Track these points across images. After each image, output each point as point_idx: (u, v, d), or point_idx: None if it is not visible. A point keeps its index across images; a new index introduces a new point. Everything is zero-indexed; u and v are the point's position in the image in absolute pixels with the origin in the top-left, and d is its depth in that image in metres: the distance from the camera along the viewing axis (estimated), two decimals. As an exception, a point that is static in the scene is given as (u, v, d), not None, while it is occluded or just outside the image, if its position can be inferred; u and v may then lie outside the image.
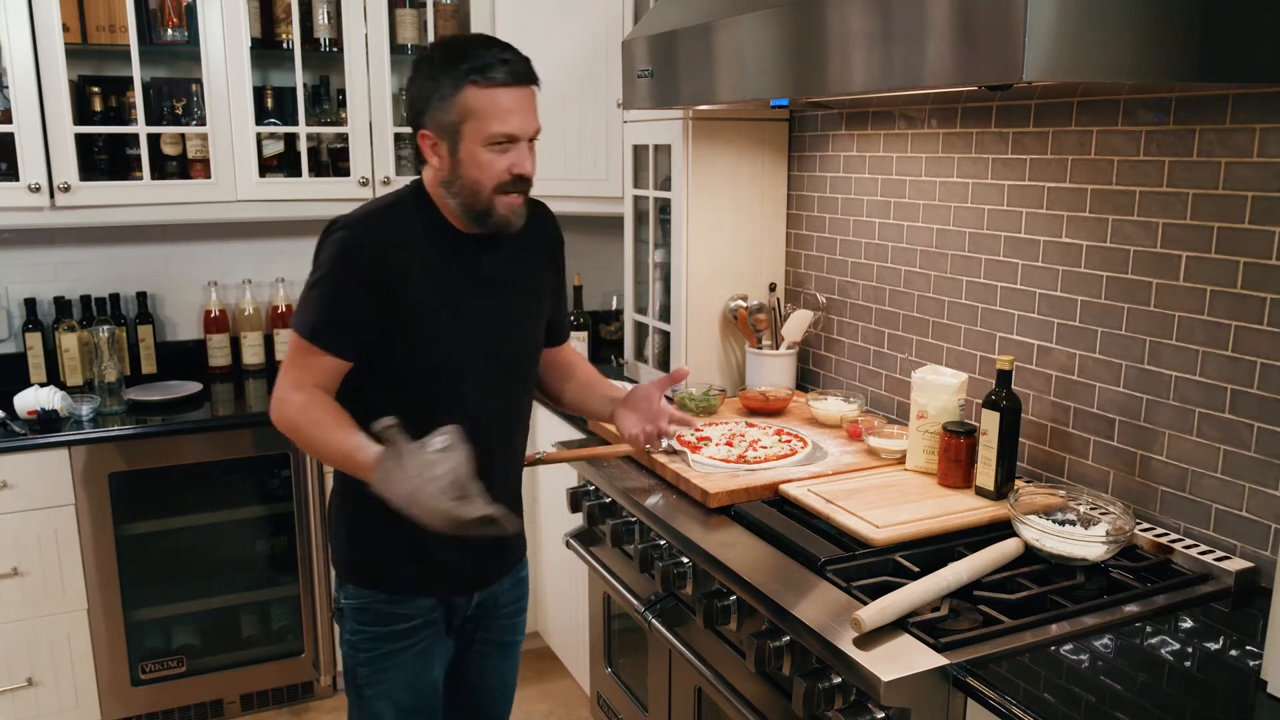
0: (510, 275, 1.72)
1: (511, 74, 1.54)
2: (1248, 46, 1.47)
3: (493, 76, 1.53)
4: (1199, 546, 1.72)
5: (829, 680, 1.47)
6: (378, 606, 1.72)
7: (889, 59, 1.55)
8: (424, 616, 1.74)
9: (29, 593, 2.59)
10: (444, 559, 1.71)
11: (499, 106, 1.54)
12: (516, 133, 1.56)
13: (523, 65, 1.57)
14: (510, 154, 1.57)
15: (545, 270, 1.82)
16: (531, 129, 1.59)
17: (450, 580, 1.75)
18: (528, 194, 1.64)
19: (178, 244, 3.18)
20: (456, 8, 3.12)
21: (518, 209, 1.62)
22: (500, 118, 1.54)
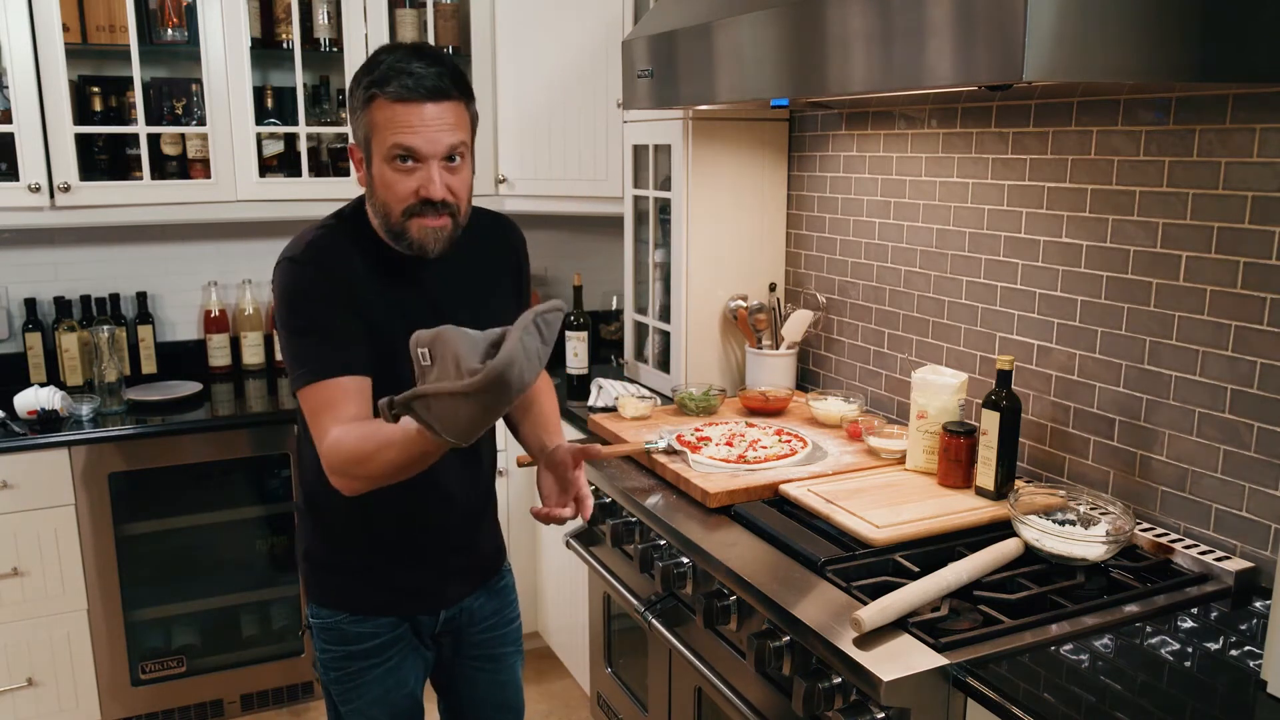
0: (461, 295, 1.61)
1: (412, 88, 1.42)
2: (1248, 46, 1.47)
3: (392, 91, 1.42)
4: (1199, 546, 1.72)
5: (829, 680, 1.47)
6: (341, 626, 1.68)
7: (889, 59, 1.55)
8: (388, 634, 1.69)
9: (29, 593, 2.59)
10: (401, 580, 1.67)
11: (398, 122, 1.43)
12: (417, 150, 1.43)
13: (432, 80, 1.43)
14: (418, 174, 1.45)
15: (506, 288, 1.71)
16: (438, 148, 1.44)
17: (409, 600, 1.70)
18: (454, 216, 1.50)
19: (178, 244, 3.18)
20: (456, 8, 3.12)
21: (434, 232, 1.48)
22: (398, 134, 1.43)
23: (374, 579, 1.68)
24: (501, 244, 1.72)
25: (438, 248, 1.51)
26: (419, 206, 1.47)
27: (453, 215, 1.50)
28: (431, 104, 1.43)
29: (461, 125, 1.48)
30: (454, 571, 1.74)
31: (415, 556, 1.68)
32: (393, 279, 1.56)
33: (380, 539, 1.66)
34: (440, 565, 1.71)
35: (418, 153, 1.44)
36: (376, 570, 1.67)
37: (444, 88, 1.44)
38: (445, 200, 1.47)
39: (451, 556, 1.73)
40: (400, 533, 1.66)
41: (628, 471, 2.20)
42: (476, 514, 1.76)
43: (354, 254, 1.54)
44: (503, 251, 1.72)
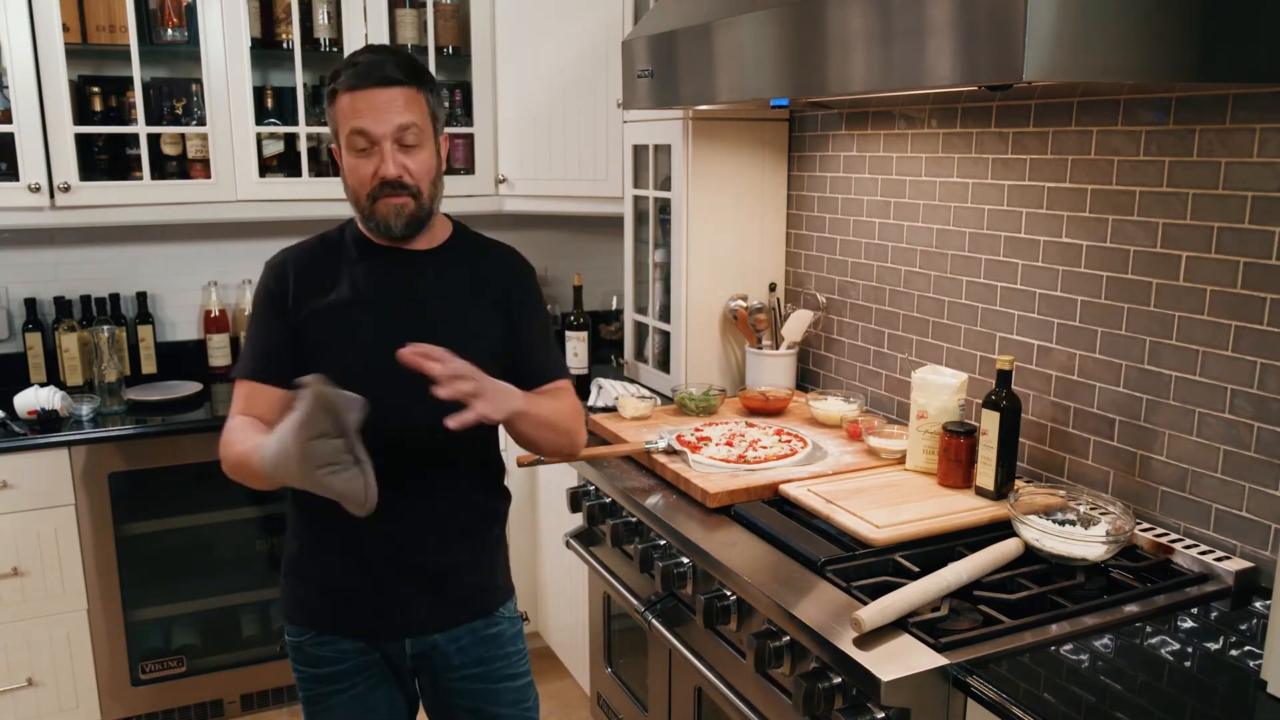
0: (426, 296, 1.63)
1: (364, 76, 1.52)
2: (1248, 46, 1.47)
3: (344, 81, 1.54)
4: (1199, 546, 1.72)
5: (829, 680, 1.47)
6: (305, 647, 1.66)
7: (889, 59, 1.55)
8: (353, 660, 1.65)
9: (29, 593, 2.59)
10: (359, 597, 1.63)
11: (349, 110, 1.53)
12: (367, 130, 1.51)
13: (378, 68, 1.52)
14: (373, 158, 1.53)
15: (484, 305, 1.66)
16: (388, 127, 1.51)
17: (367, 621, 1.64)
18: (416, 198, 1.56)
19: (178, 244, 3.18)
20: (456, 8, 3.11)
21: (395, 209, 1.55)
22: (350, 119, 1.52)
23: (330, 592, 1.64)
24: (496, 267, 1.71)
25: (399, 224, 1.57)
26: (380, 188, 1.55)
27: (414, 196, 1.56)
28: (380, 89, 1.52)
29: (413, 108, 1.54)
30: (415, 595, 1.63)
31: (369, 570, 1.62)
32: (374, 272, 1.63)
33: (333, 548, 1.62)
34: (400, 585, 1.63)
35: (369, 134, 1.52)
36: (331, 582, 1.64)
37: (389, 74, 1.53)
38: (402, 180, 1.54)
39: (412, 578, 1.63)
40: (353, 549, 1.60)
41: (628, 471, 2.20)
42: (451, 538, 1.65)
43: (333, 249, 1.65)
44: (495, 274, 1.69)
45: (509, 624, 1.73)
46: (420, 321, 1.60)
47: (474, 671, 1.69)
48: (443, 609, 1.66)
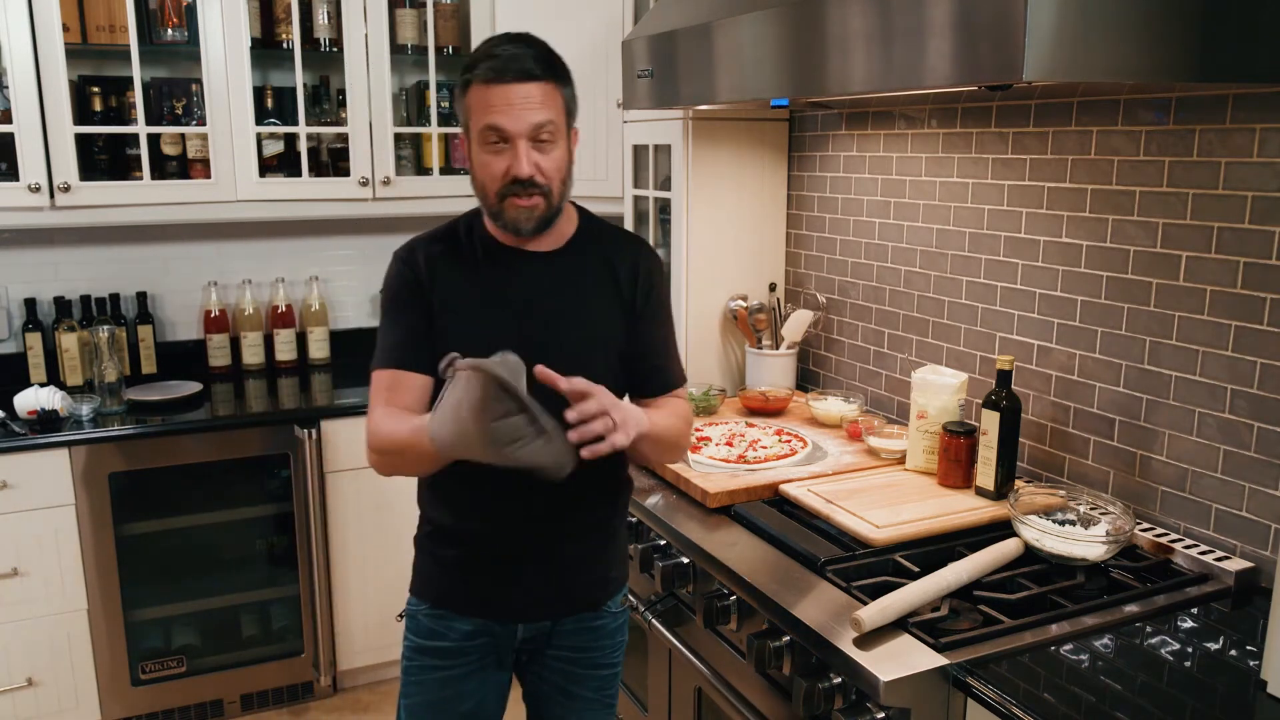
0: (554, 298, 1.60)
1: (504, 69, 1.47)
2: (1248, 46, 1.47)
3: (481, 73, 1.48)
4: (1199, 546, 1.72)
5: (829, 680, 1.47)
6: (419, 615, 1.70)
7: (889, 59, 1.55)
8: (461, 641, 1.67)
9: (29, 593, 2.59)
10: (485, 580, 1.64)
11: (484, 104, 1.48)
12: (503, 127, 1.47)
13: (521, 61, 1.48)
14: (507, 154, 1.49)
15: (611, 303, 1.63)
16: (524, 125, 1.47)
17: (488, 603, 1.66)
18: (546, 196, 1.52)
19: (178, 244, 3.18)
20: (456, 8, 3.12)
21: (526, 211, 1.52)
22: (487, 114, 1.47)
23: (456, 574, 1.66)
24: (620, 259, 1.65)
25: (529, 226, 1.53)
26: (510, 186, 1.50)
27: (545, 195, 1.52)
28: (517, 84, 1.47)
29: (550, 105, 1.50)
30: (536, 587, 1.65)
31: (498, 560, 1.64)
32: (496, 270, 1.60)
33: (465, 535, 1.63)
34: (525, 572, 1.64)
35: (504, 131, 1.47)
36: (460, 566, 1.65)
37: (529, 68, 1.48)
38: (534, 179, 1.49)
39: (536, 570, 1.64)
40: (486, 533, 1.62)
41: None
42: (577, 537, 1.65)
43: (458, 244, 1.61)
44: (619, 267, 1.65)
45: (612, 619, 1.74)
46: (546, 324, 1.58)
47: (570, 655, 1.72)
48: (559, 601, 1.67)
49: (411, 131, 3.17)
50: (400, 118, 3.16)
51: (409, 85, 3.29)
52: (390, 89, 3.00)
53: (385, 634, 3.01)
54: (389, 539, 2.94)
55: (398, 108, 3.12)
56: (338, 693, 3.05)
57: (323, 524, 2.86)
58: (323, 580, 2.89)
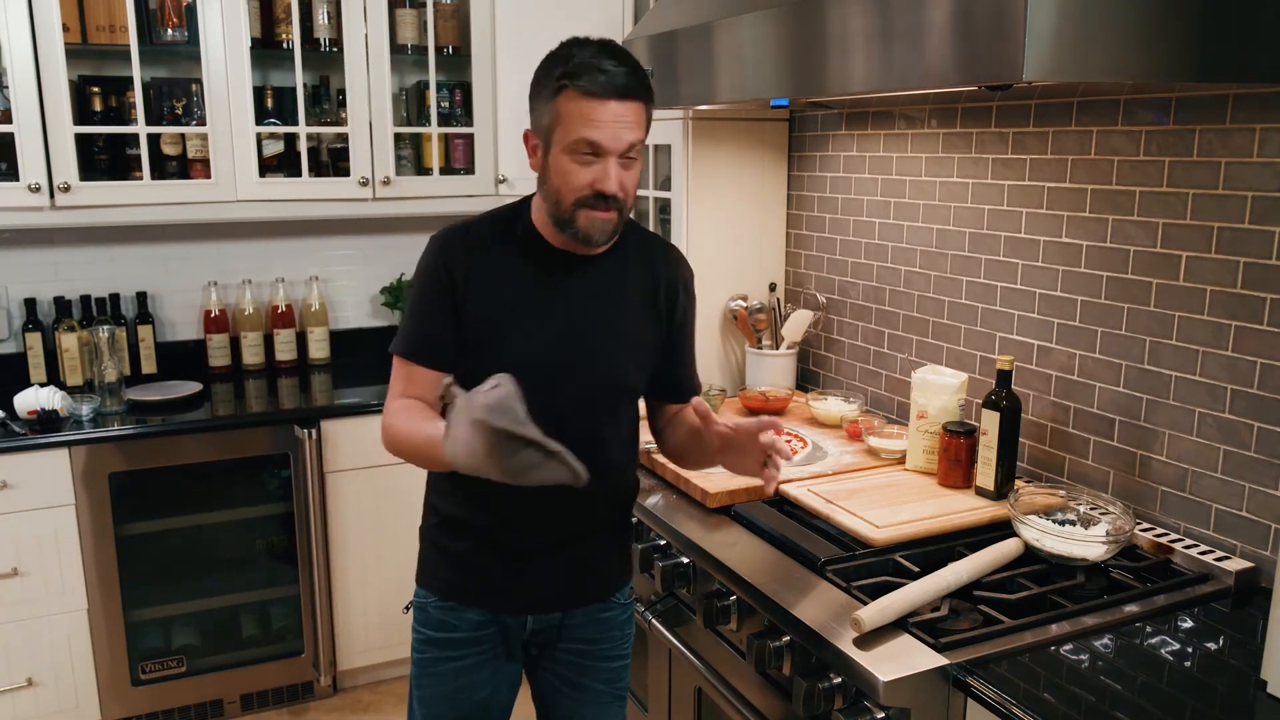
0: (594, 303, 1.62)
1: (606, 86, 1.46)
2: (1248, 46, 1.47)
3: (584, 85, 1.47)
4: (1199, 546, 1.72)
5: (829, 680, 1.47)
6: (429, 608, 1.71)
7: (889, 59, 1.55)
8: (471, 632, 1.69)
9: (29, 593, 2.59)
10: (494, 574, 1.67)
11: (586, 117, 1.47)
12: (601, 144, 1.47)
13: (624, 79, 1.48)
14: (595, 167, 1.49)
15: (647, 313, 1.68)
16: (620, 144, 1.48)
17: (498, 596, 1.68)
18: (620, 211, 1.54)
19: (178, 244, 3.18)
20: (456, 8, 3.11)
21: (600, 224, 1.53)
22: (584, 128, 1.47)
23: (466, 566, 1.68)
24: (669, 271, 1.71)
25: (602, 238, 1.56)
26: (591, 199, 1.51)
27: (619, 210, 1.54)
28: (618, 102, 1.47)
29: (641, 124, 1.52)
30: (548, 577, 1.67)
31: (509, 553, 1.66)
32: (542, 271, 1.61)
33: (478, 528, 1.65)
34: (535, 566, 1.66)
35: (601, 148, 1.48)
36: (470, 558, 1.67)
37: (632, 87, 1.48)
38: (616, 195, 1.51)
39: (547, 563, 1.66)
40: (498, 526, 1.64)
41: (628, 471, 2.20)
42: (588, 530, 1.68)
43: (502, 239, 1.61)
44: (667, 278, 1.70)
45: (620, 610, 1.77)
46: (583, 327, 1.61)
47: (580, 648, 1.74)
48: (570, 593, 1.70)
49: (411, 131, 3.17)
50: (400, 118, 3.16)
51: (409, 85, 3.29)
52: (390, 89, 3.00)
53: (385, 634, 3.01)
54: (389, 539, 2.94)
55: (398, 108, 3.12)
56: (338, 693, 3.05)
57: (323, 524, 2.86)
58: (323, 580, 2.90)
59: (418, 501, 1.77)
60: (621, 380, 1.66)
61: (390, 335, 3.52)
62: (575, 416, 1.58)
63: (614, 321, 1.63)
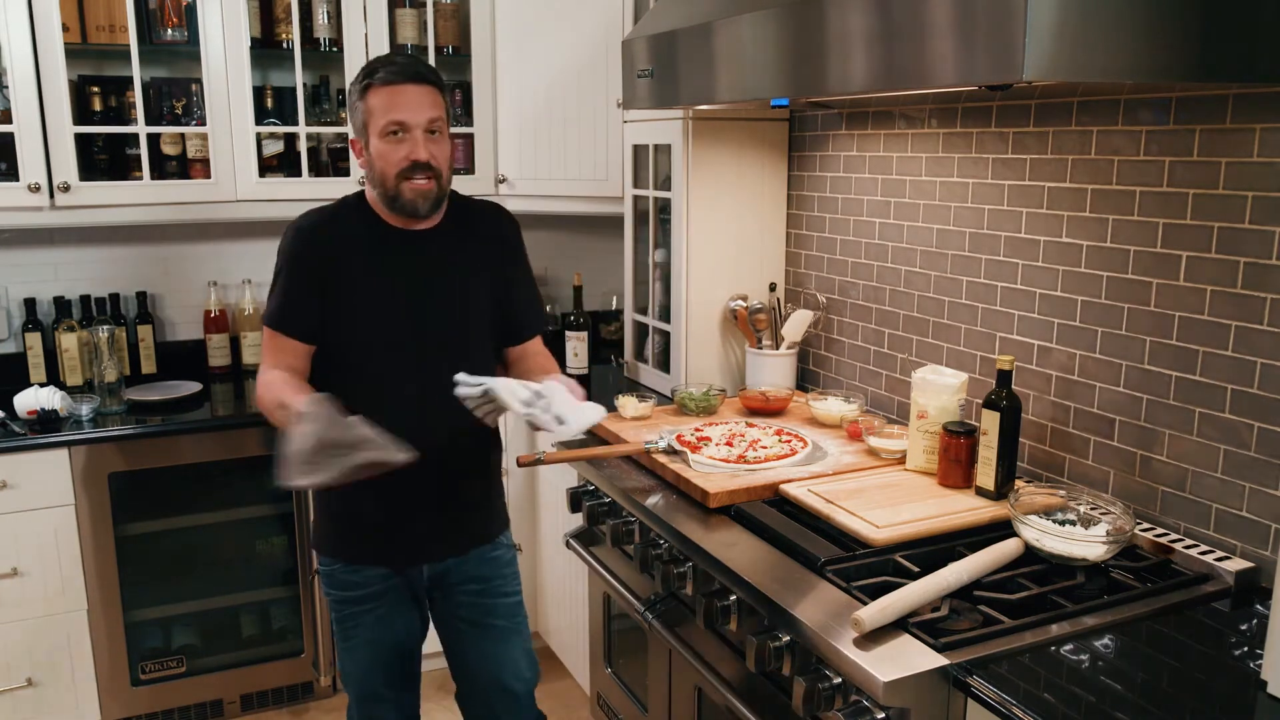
0: (439, 268, 1.88)
1: (397, 73, 1.76)
2: (1248, 46, 1.47)
3: (381, 78, 1.77)
4: (1199, 546, 1.72)
5: (829, 680, 1.47)
6: (336, 574, 1.95)
7: (889, 59, 1.55)
8: (377, 585, 1.94)
9: (29, 593, 2.59)
10: (382, 531, 1.90)
11: (388, 103, 1.76)
12: (405, 121, 1.75)
13: (412, 67, 1.78)
14: (405, 143, 1.76)
15: (487, 269, 1.94)
16: (420, 118, 1.76)
17: (393, 551, 1.93)
18: (438, 180, 1.80)
19: (178, 244, 3.18)
20: (456, 8, 3.11)
21: (424, 192, 1.79)
22: (389, 112, 1.76)
23: (358, 527, 1.92)
24: (491, 229, 1.98)
25: (425, 205, 1.82)
26: (409, 170, 1.77)
27: (436, 179, 1.81)
28: (412, 85, 1.77)
29: (438, 105, 1.80)
30: (437, 529, 1.93)
31: (397, 509, 1.88)
32: (385, 249, 1.86)
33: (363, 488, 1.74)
34: (423, 520, 1.90)
35: (405, 124, 1.76)
36: (361, 519, 1.90)
37: (422, 72, 1.80)
38: (430, 163, 1.78)
39: (434, 514, 1.91)
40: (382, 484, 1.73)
41: (628, 471, 2.20)
42: (464, 475, 1.95)
43: (350, 225, 1.86)
44: (491, 237, 1.97)
45: (505, 550, 2.05)
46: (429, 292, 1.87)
47: (477, 588, 1.99)
48: (456, 538, 1.97)
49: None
50: (400, 118, 3.16)
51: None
52: (390, 89, 3.00)
53: (385, 634, 3.01)
54: (389, 539, 2.94)
55: (398, 108, 3.11)
56: (338, 693, 3.05)
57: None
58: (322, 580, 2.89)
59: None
60: (471, 334, 1.92)
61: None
62: (430, 376, 1.80)
63: (454, 282, 1.90)
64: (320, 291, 1.82)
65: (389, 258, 1.86)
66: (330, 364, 1.87)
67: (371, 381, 1.85)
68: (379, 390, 1.83)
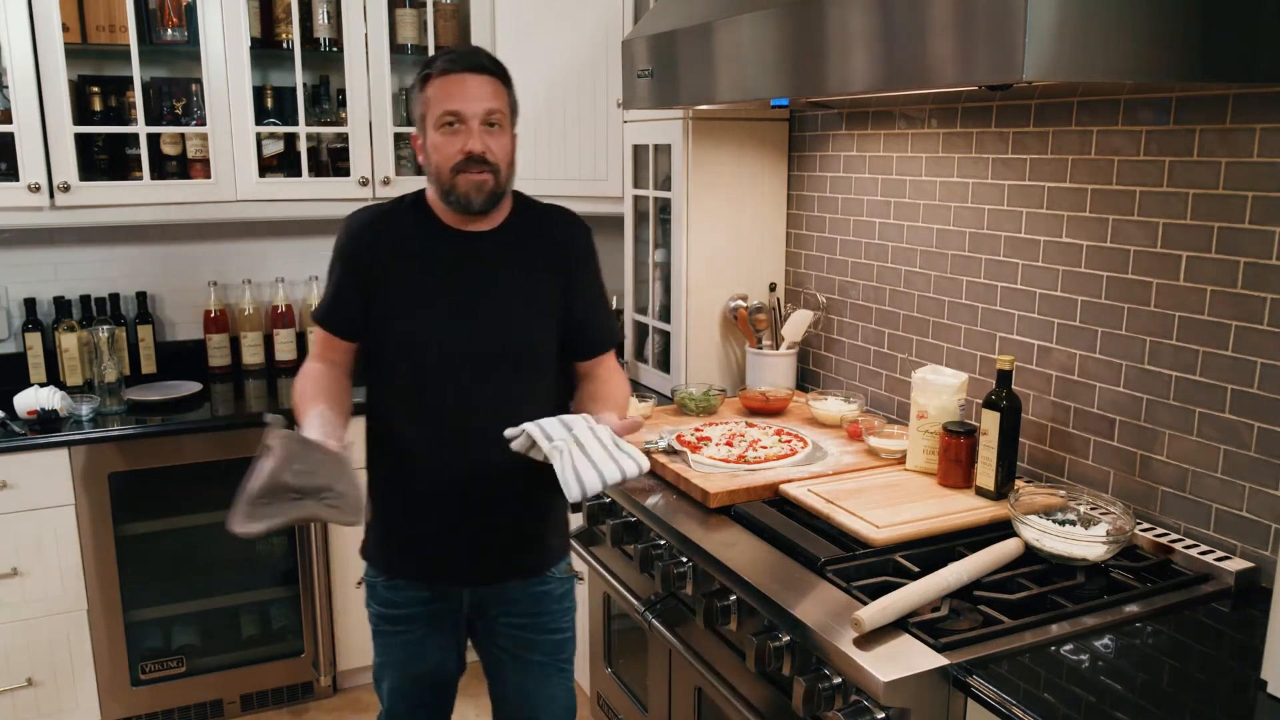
0: (495, 272, 1.76)
1: (455, 62, 1.69)
2: (1248, 46, 1.47)
3: (440, 68, 1.69)
4: (1199, 546, 1.72)
5: (829, 680, 1.47)
6: (378, 587, 1.85)
7: (889, 59, 1.55)
8: (416, 607, 1.82)
9: (29, 593, 2.59)
10: (424, 546, 1.79)
11: (445, 92, 1.68)
12: (459, 110, 1.67)
13: (472, 57, 1.71)
14: (461, 134, 1.67)
15: (550, 277, 1.80)
16: (479, 109, 1.67)
17: (428, 567, 1.81)
18: (496, 174, 1.70)
19: (178, 244, 3.18)
20: (456, 8, 3.11)
21: (478, 184, 1.69)
22: (445, 101, 1.67)
23: (397, 538, 1.81)
24: (560, 234, 1.85)
25: (479, 200, 1.70)
26: (464, 162, 1.67)
27: (494, 173, 1.70)
28: (472, 74, 1.69)
29: (499, 97, 1.71)
30: (474, 552, 1.78)
31: (435, 524, 1.77)
32: (436, 248, 1.76)
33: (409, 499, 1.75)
34: (460, 540, 1.77)
35: (461, 114, 1.67)
36: (399, 531, 1.80)
37: (482, 62, 1.71)
38: (486, 157, 1.68)
39: (472, 535, 1.77)
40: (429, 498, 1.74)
41: (628, 471, 2.19)
42: (509, 500, 1.77)
43: (403, 223, 1.78)
44: (559, 242, 1.84)
45: (558, 584, 1.88)
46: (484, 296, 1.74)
47: (521, 622, 1.85)
48: (493, 565, 1.81)
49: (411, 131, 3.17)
50: (400, 118, 3.16)
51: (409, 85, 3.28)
52: (390, 89, 3.00)
53: (385, 634, 3.01)
54: (389, 539, 2.94)
55: (398, 108, 3.11)
56: (338, 693, 3.05)
57: (323, 524, 2.86)
58: (322, 580, 2.89)
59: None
60: (524, 342, 1.77)
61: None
62: (476, 385, 1.72)
63: (511, 288, 1.77)
64: (365, 289, 1.74)
65: (439, 258, 1.75)
66: (372, 363, 1.79)
67: (410, 385, 1.74)
68: (418, 396, 1.73)
